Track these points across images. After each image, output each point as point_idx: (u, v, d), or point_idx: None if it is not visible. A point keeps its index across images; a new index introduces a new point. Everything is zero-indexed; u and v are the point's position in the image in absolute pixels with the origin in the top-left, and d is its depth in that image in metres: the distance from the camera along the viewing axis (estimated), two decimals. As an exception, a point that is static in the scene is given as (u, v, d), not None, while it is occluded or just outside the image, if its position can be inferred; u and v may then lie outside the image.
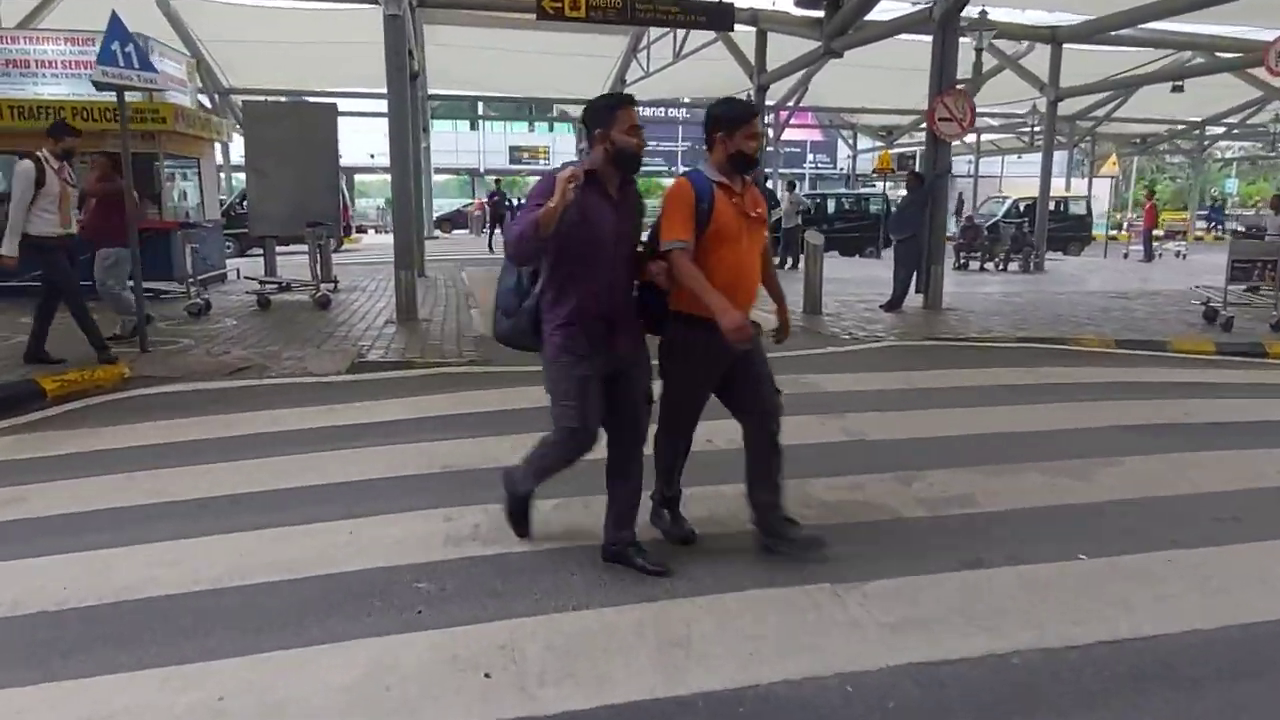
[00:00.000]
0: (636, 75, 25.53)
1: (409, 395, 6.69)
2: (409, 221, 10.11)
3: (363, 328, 9.72)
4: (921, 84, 26.88)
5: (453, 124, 47.19)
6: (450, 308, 11.46)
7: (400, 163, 9.90)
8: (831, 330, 9.78)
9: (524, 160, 47.57)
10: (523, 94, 29.15)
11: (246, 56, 25.62)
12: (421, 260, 15.87)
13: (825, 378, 7.25)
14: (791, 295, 12.90)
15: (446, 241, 29.75)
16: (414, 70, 15.75)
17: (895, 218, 11.43)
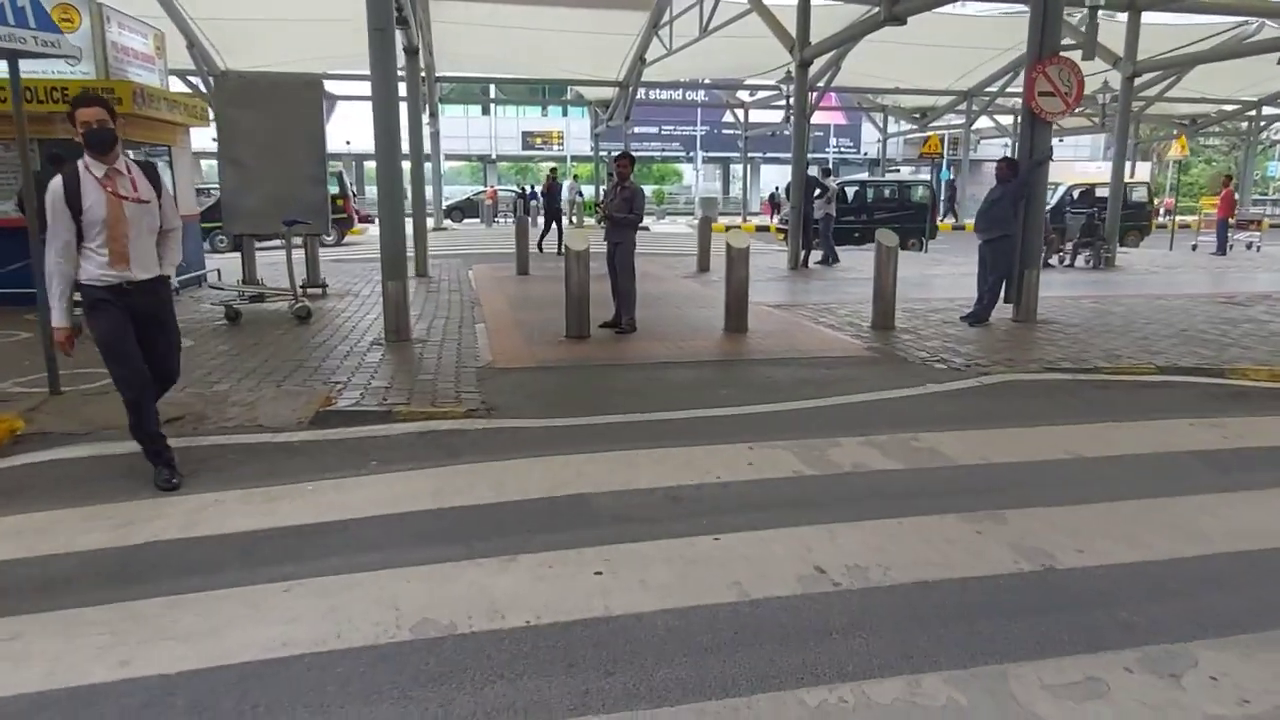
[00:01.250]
0: (658, 53, 23.48)
1: (382, 471, 4.80)
2: (398, 221, 8.22)
3: (343, 351, 7.85)
4: (959, 62, 24.53)
5: (463, 109, 45.21)
6: (451, 322, 9.57)
7: (387, 145, 8.01)
8: (918, 355, 7.85)
9: (537, 146, 45.56)
10: (535, 76, 27.12)
11: (245, 37, 23.71)
12: (424, 258, 13.98)
13: (943, 437, 5.33)
14: (850, 303, 11.02)
15: (456, 233, 27.82)
16: (412, 44, 13.82)
17: (984, 214, 9.45)
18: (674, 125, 43.71)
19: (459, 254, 19.70)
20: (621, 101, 26.81)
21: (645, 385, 6.80)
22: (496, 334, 8.77)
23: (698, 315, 10.08)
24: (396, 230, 8.25)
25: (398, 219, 8.26)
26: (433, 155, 28.03)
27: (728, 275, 8.95)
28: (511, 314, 10.16)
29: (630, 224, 8.73)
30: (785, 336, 8.71)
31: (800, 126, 14.76)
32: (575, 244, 8.47)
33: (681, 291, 12.29)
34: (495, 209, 31.23)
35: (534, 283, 13.40)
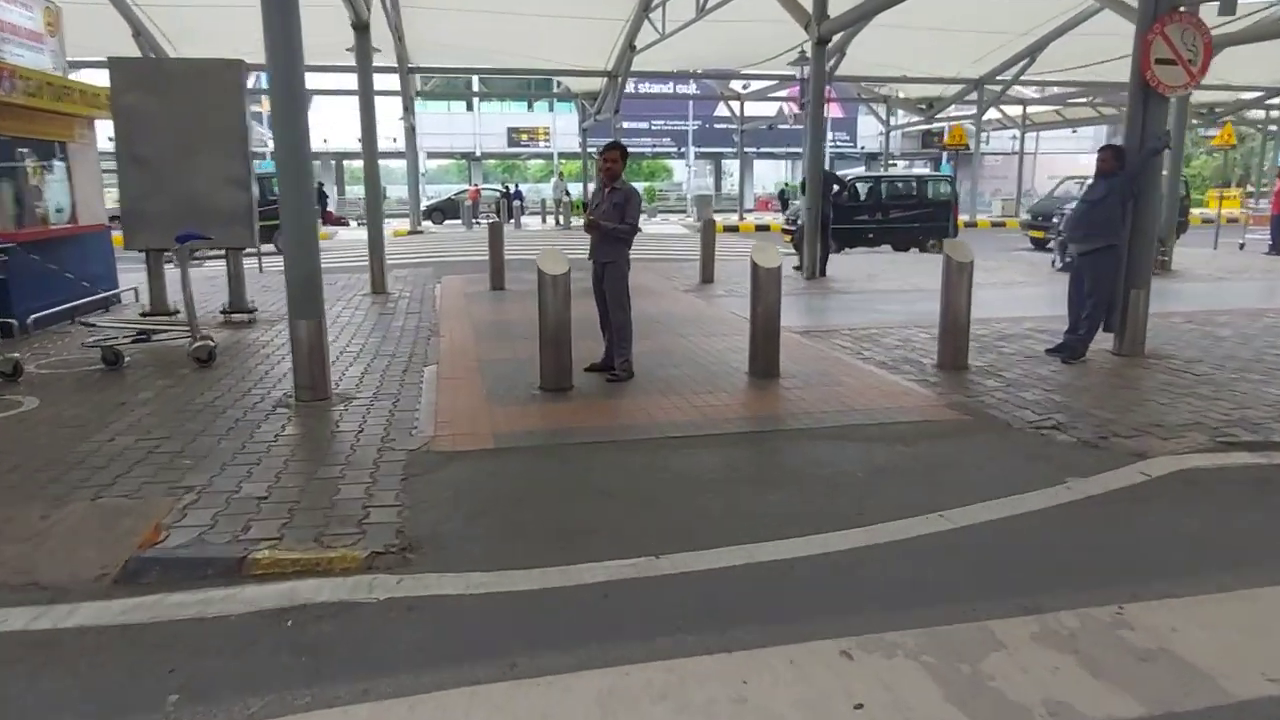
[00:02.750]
0: (649, 39, 21.17)
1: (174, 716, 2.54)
2: (307, 237, 5.91)
3: (232, 418, 5.58)
4: (970, 47, 21.93)
5: (447, 105, 42.79)
6: (396, 363, 7.28)
7: (290, 135, 5.73)
8: (1019, 414, 5.61)
9: (523, 142, 43.16)
10: (519, 65, 24.77)
11: (198, 24, 21.27)
12: (380, 272, 11.68)
13: (1165, 614, 3.09)
14: (890, 326, 8.74)
15: (433, 236, 25.44)
16: (361, 19, 11.48)
17: (1082, 218, 7.20)
18: (664, 120, 41.39)
19: (431, 262, 17.38)
20: (610, 93, 24.51)
21: (649, 481, 4.53)
22: (449, 386, 6.48)
23: (710, 349, 7.81)
24: (307, 248, 5.94)
25: (306, 233, 5.96)
26: (407, 152, 25.66)
27: (754, 303, 6.69)
28: (475, 349, 7.87)
29: (623, 237, 6.47)
30: (830, 384, 6.46)
31: (818, 115, 12.54)
32: (550, 265, 6.19)
33: (685, 312, 10.02)
34: (477, 210, 28.84)
35: (509, 300, 11.11)
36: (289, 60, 5.71)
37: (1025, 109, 32.33)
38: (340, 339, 8.45)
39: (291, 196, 5.84)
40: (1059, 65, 24.99)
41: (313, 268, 5.94)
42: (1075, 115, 37.20)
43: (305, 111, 5.95)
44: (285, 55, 5.69)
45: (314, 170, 6.82)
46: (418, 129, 36.05)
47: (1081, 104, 33.76)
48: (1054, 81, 27.26)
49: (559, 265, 6.18)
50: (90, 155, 10.54)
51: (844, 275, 13.61)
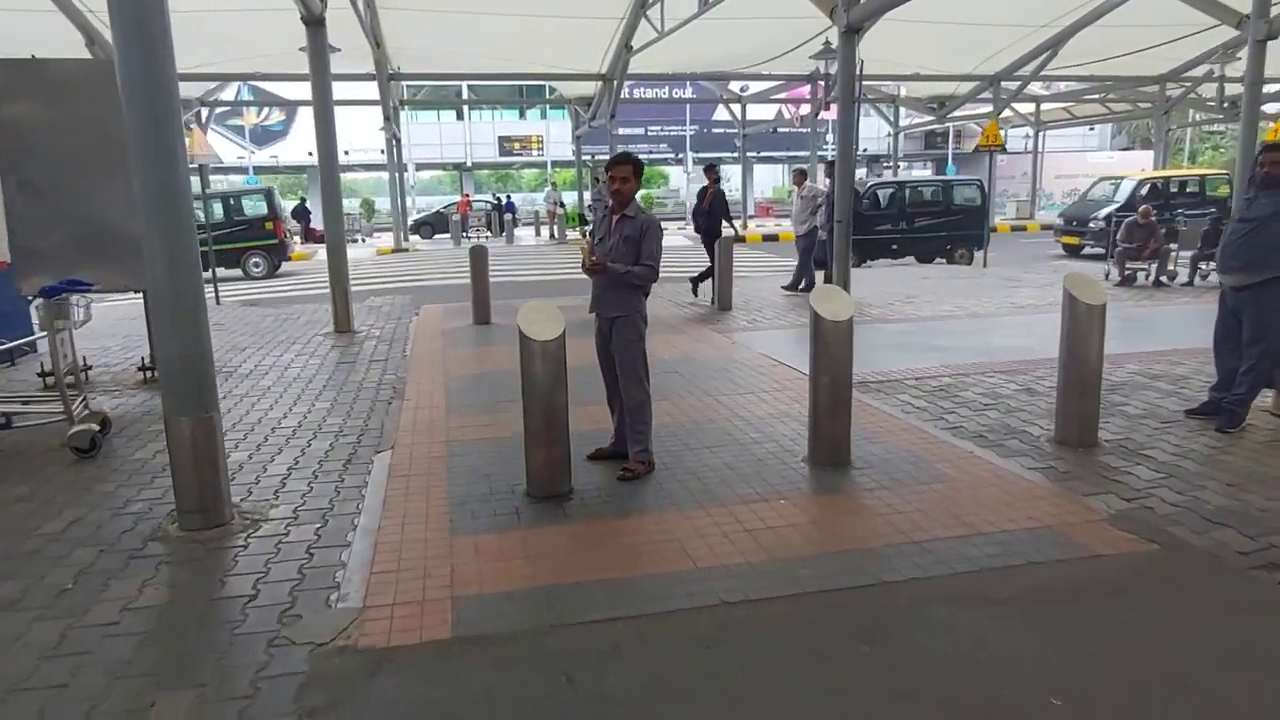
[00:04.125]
0: (647, 38, 19.36)
1: None
2: (193, 304, 4.06)
3: (76, 566, 3.76)
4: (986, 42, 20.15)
5: (436, 114, 41.00)
6: (338, 450, 5.43)
7: (148, 138, 3.92)
8: (1218, 539, 3.80)
9: (515, 151, 41.34)
10: (509, 70, 22.94)
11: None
12: (344, 307, 9.86)
13: None
14: (963, 372, 6.66)
15: (419, 255, 23.56)
16: (314, 13, 9.63)
17: (1244, 243, 5.30)
18: (661, 125, 39.59)
19: (413, 285, 15.54)
20: (605, 98, 22.67)
21: (699, 706, 2.70)
22: (400, 494, 4.64)
23: (750, 416, 5.98)
24: (187, 318, 4.09)
25: (185, 295, 4.10)
26: (389, 164, 23.85)
27: (816, 368, 4.85)
28: (445, 422, 6.02)
29: (639, 284, 4.64)
30: (925, 477, 4.63)
31: (849, 112, 10.72)
32: (537, 327, 4.35)
33: (706, 354, 8.18)
34: (467, 223, 27.00)
35: (495, 339, 9.27)
36: (146, 57, 3.89)
37: (1039, 106, 30.54)
38: (276, 407, 6.61)
39: (159, 236, 4.00)
40: (1078, 59, 23.24)
41: (196, 346, 4.10)
42: (1083, 112, 35.45)
43: (173, 124, 4.11)
44: (140, 49, 3.87)
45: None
46: (407, 140, 34.29)
47: (1093, 100, 31.99)
48: (1076, 77, 25.44)
49: (550, 326, 4.35)
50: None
51: (877, 297, 11.78)
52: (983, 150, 15.39)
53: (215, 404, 4.18)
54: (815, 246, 12.19)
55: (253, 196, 18.16)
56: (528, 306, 4.48)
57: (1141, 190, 17.56)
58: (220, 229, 16.84)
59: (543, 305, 4.50)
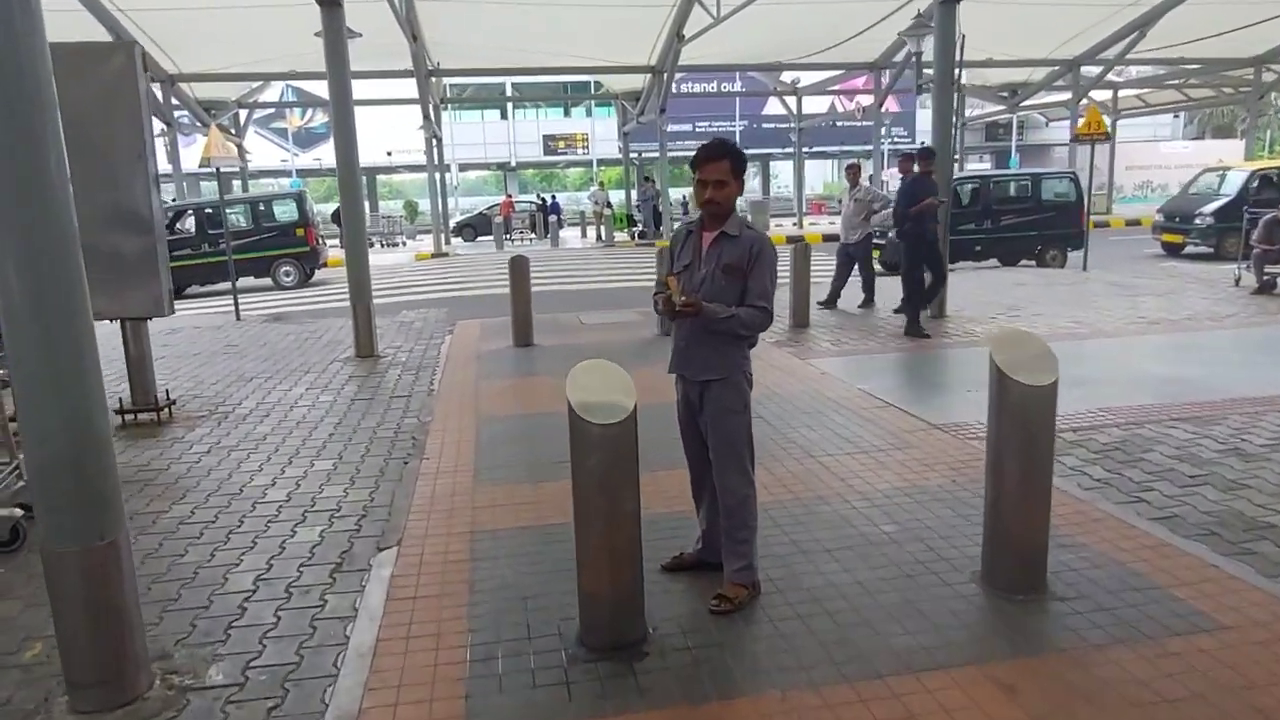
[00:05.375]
0: (698, 27, 17.81)
1: None
2: (76, 334, 2.65)
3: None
4: (1064, 23, 18.71)
5: (480, 113, 39.91)
6: (326, 548, 4.02)
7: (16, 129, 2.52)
8: None
9: (560, 150, 40.03)
10: (554, 64, 21.59)
11: (195, 34, 18.49)
12: (366, 329, 8.52)
13: None
14: (1085, 419, 4.85)
15: (459, 260, 22.25)
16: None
17: None
18: (709, 121, 37.86)
19: (450, 295, 14.21)
20: (655, 91, 21.18)
21: None
22: (399, 655, 3.19)
23: (872, 495, 4.44)
24: (62, 372, 2.67)
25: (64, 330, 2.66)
26: (428, 164, 22.64)
27: (999, 452, 3.28)
28: (472, 496, 4.58)
29: (744, 336, 3.14)
30: (1172, 624, 3.07)
31: (948, 96, 9.12)
32: (594, 394, 2.87)
33: (794, 389, 6.64)
34: (510, 225, 25.67)
35: (537, 368, 7.84)
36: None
37: (1117, 93, 28.30)
38: (266, 468, 5.24)
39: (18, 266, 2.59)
40: (1163, 41, 21.14)
41: (85, 430, 2.69)
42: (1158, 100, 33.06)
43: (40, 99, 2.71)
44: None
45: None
46: (450, 140, 33.17)
47: (1172, 85, 29.67)
48: (1161, 60, 23.28)
49: (614, 398, 2.87)
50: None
51: (974, 308, 10.10)
52: (1083, 140, 13.55)
53: (118, 520, 2.77)
54: (870, 254, 10.58)
55: (283, 201, 17.01)
56: (582, 368, 3.00)
57: (1253, 183, 15.53)
58: (249, 236, 15.70)
59: (603, 368, 3.02)
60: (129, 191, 6.14)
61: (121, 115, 6.08)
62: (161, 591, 3.63)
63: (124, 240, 6.16)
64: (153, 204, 6.22)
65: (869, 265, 10.60)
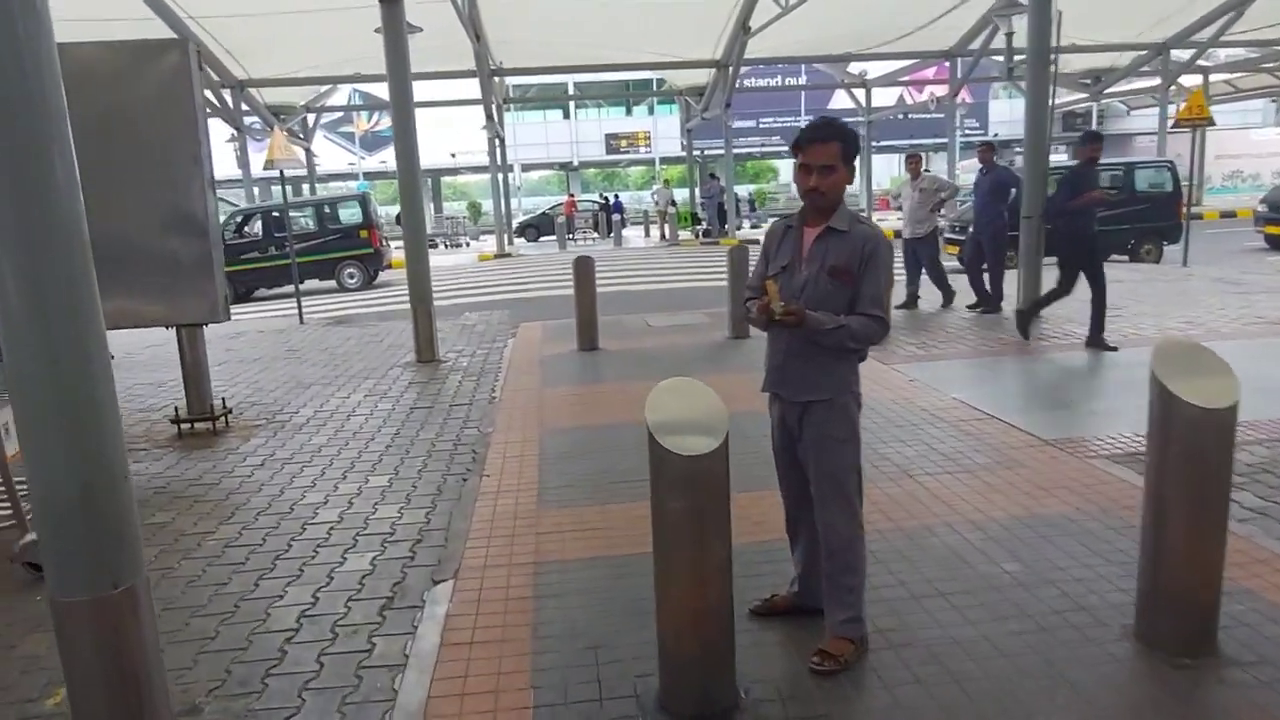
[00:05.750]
0: (765, 18, 17.21)
1: None
2: (88, 361, 2.31)
3: None
4: (1152, 4, 17.01)
5: (542, 114, 39.83)
6: (371, 588, 3.65)
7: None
8: None
9: (622, 149, 39.71)
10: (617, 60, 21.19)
11: (263, 38, 18.56)
12: (427, 331, 8.22)
13: None
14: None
15: (522, 260, 22.03)
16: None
17: None
18: (773, 117, 37.08)
19: (513, 297, 13.92)
20: (720, 86, 20.63)
21: None
22: (453, 716, 2.80)
23: (983, 524, 3.91)
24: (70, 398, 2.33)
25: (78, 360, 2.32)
26: (491, 164, 22.50)
27: (1159, 482, 2.72)
28: (534, 528, 4.17)
29: (855, 349, 2.66)
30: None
31: (1043, 80, 8.43)
32: (677, 419, 2.42)
33: (882, 400, 6.06)
34: (573, 225, 25.40)
35: (603, 372, 7.44)
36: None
37: (1208, 78, 26.70)
38: (319, 484, 4.93)
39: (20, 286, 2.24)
40: (1261, 21, 19.73)
41: (100, 460, 2.34)
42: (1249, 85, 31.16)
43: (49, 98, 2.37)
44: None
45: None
46: (513, 140, 33.13)
47: (1266, 69, 27.85)
48: (1257, 42, 21.78)
49: (701, 424, 2.42)
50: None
51: (1067, 308, 9.30)
52: (1183, 126, 12.60)
53: (136, 564, 2.41)
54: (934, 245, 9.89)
55: (347, 203, 16.98)
56: (664, 388, 2.56)
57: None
58: (313, 238, 15.68)
59: (689, 388, 2.56)
60: (185, 194, 5.93)
61: (177, 116, 5.86)
62: (200, 628, 3.31)
63: (179, 245, 5.95)
64: (208, 207, 5.99)
65: (937, 263, 9.93)
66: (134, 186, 5.84)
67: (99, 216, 5.83)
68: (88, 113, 5.77)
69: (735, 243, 21.49)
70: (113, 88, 5.80)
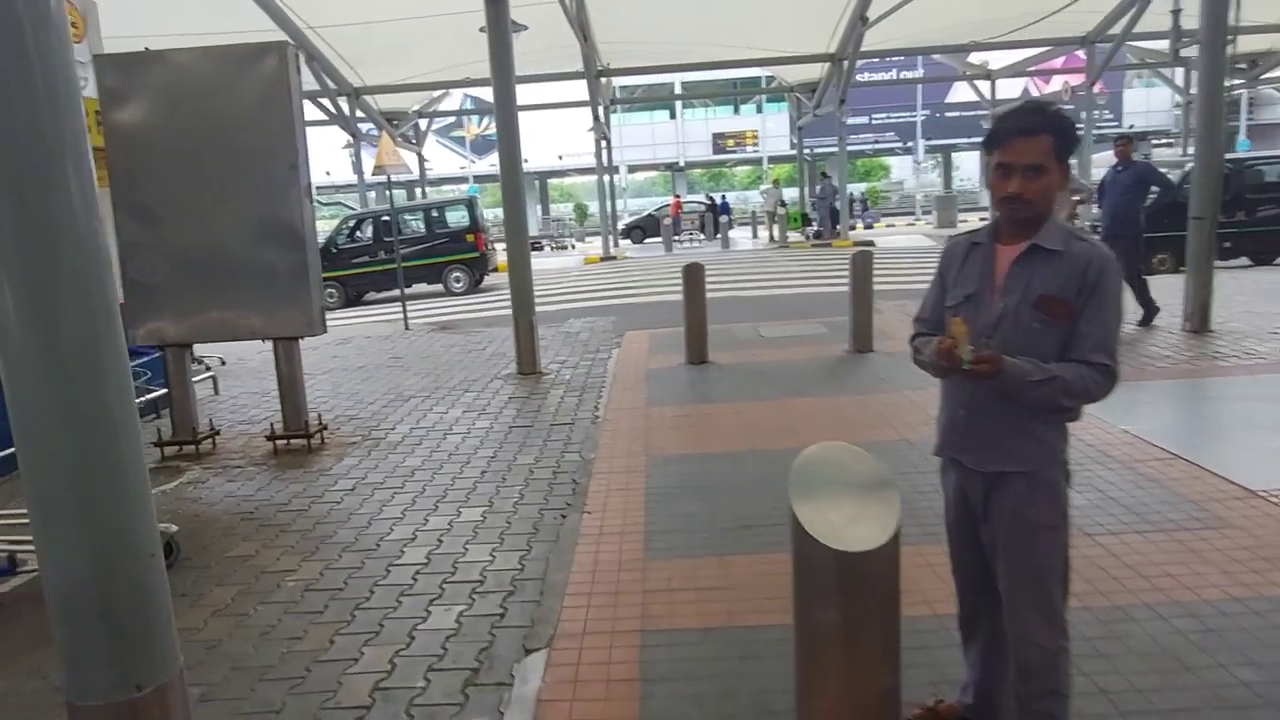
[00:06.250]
0: (884, 8, 16.23)
1: None
2: (117, 420, 1.95)
3: None
4: None
5: (649, 114, 39.52)
6: (457, 650, 3.18)
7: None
8: None
9: (729, 148, 38.97)
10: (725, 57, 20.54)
11: (378, 45, 18.80)
12: (530, 341, 7.85)
13: None
14: None
15: (627, 263, 21.64)
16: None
17: None
18: (886, 112, 35.59)
19: (619, 302, 13.49)
20: (834, 80, 19.71)
21: None
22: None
23: (1196, 610, 3.15)
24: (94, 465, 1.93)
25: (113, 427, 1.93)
26: (597, 165, 22.24)
27: None
28: (640, 583, 3.64)
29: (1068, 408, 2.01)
30: None
31: (1218, 61, 7.34)
32: (831, 501, 1.82)
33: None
34: (679, 226, 24.87)
35: (714, 391, 6.87)
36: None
37: (1386, 59, 23.88)
38: (408, 515, 4.54)
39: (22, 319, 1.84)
40: None
41: (137, 539, 1.93)
42: None
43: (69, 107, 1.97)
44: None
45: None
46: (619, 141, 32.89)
47: None
48: None
49: (865, 509, 1.81)
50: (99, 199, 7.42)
51: (1241, 321, 8.19)
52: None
53: (168, 659, 2.00)
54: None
55: (455, 207, 16.96)
56: (811, 457, 1.97)
57: None
58: (421, 242, 15.70)
59: (843, 455, 1.97)
60: (283, 203, 5.69)
61: (275, 121, 5.63)
62: (265, 696, 2.92)
63: (276, 256, 5.72)
64: (305, 217, 5.74)
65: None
66: (232, 195, 5.65)
67: (198, 227, 5.67)
68: (188, 121, 5.63)
69: (849, 244, 20.56)
70: (212, 94, 5.61)
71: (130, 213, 5.67)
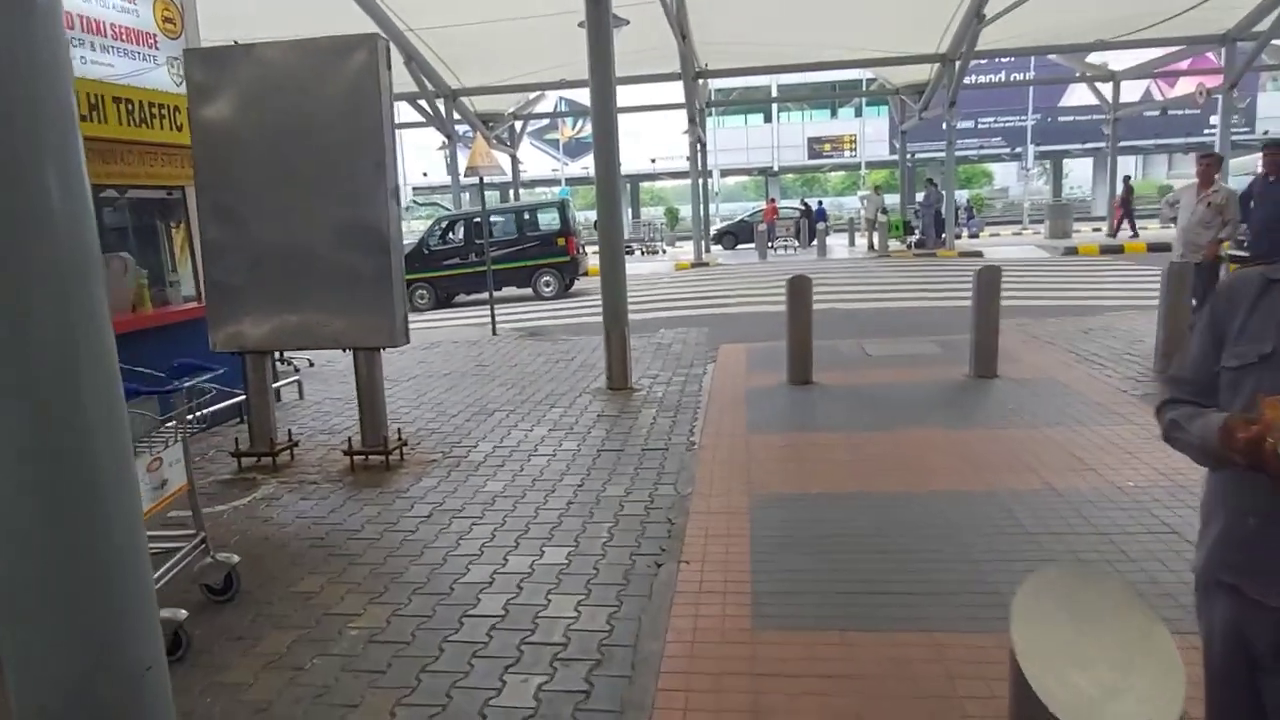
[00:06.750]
0: (1002, 4, 15.19)
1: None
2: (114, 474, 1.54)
3: None
4: None
5: (743, 118, 38.82)
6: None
7: None
8: None
9: (825, 153, 37.89)
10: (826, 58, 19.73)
11: (478, 46, 18.75)
12: (622, 355, 7.38)
13: None
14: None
15: (720, 270, 20.99)
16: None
17: None
18: (994, 116, 33.93)
19: (711, 312, 12.91)
20: (944, 82, 18.67)
21: None
22: None
23: None
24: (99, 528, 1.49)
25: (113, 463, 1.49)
26: (691, 169, 21.70)
27: None
28: (749, 670, 3.07)
29: None
30: None
31: None
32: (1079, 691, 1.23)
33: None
34: (774, 233, 24.09)
35: (821, 424, 6.23)
36: None
37: None
38: (486, 553, 4.09)
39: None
40: None
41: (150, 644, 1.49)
42: None
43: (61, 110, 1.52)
44: None
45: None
46: (713, 145, 32.28)
47: None
48: None
49: (1134, 686, 1.21)
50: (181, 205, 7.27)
51: None
52: None
53: None
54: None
55: (546, 209, 16.68)
56: (1035, 589, 1.37)
57: None
58: (511, 245, 15.46)
59: (1089, 592, 1.37)
60: (368, 204, 5.35)
61: (363, 118, 5.29)
62: (310, 785, 2.47)
63: (360, 261, 5.38)
64: (391, 219, 5.39)
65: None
66: (317, 195, 5.34)
67: (281, 227, 5.34)
68: (274, 118, 5.35)
69: (954, 254, 19.45)
70: (299, 89, 5.31)
71: (213, 212, 5.43)
